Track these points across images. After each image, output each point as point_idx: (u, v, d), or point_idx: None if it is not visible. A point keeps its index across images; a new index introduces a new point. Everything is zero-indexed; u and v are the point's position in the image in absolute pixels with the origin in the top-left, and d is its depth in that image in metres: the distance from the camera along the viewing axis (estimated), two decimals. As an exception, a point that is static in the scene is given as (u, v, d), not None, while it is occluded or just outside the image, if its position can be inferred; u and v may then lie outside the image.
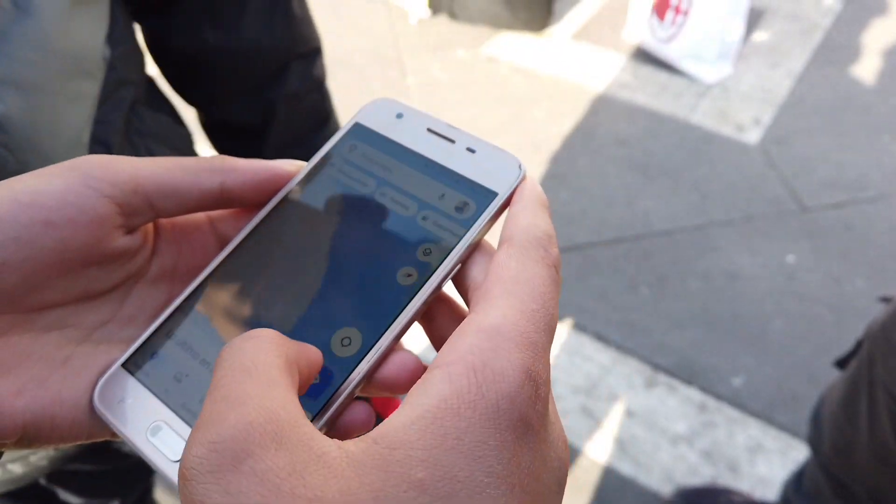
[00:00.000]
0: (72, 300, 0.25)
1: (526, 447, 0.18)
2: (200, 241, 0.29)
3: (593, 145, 2.17)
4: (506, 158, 0.27)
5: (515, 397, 0.18)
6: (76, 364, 0.25)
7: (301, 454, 0.17)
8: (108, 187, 0.24)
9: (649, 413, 1.53)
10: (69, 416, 0.24)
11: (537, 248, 0.23)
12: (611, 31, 2.59)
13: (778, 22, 2.59)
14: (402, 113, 0.29)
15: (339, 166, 0.29)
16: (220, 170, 0.27)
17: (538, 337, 0.20)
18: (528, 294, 0.21)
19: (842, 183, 2.01)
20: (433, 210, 0.26)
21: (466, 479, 0.17)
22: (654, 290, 1.77)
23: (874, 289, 1.75)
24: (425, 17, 2.67)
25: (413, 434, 0.17)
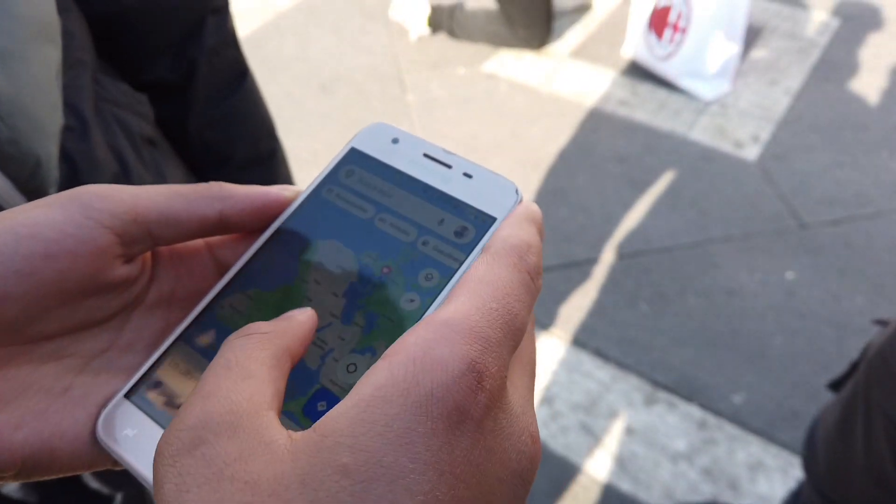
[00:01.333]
0: (70, 330, 0.25)
1: (463, 437, 0.18)
2: (198, 267, 0.29)
3: (592, 162, 2.17)
4: (502, 183, 0.27)
5: (452, 386, 0.18)
6: (76, 394, 0.25)
7: (250, 442, 0.18)
8: (108, 218, 0.24)
9: (649, 430, 1.52)
10: (69, 448, 0.24)
11: (510, 254, 0.23)
12: (609, 48, 2.61)
13: (775, 40, 2.61)
14: (397, 138, 0.29)
15: (336, 192, 0.29)
16: (219, 197, 0.27)
17: (491, 332, 0.20)
18: (488, 293, 0.21)
19: (841, 200, 2.02)
20: (433, 235, 0.26)
21: (390, 464, 0.17)
22: (653, 306, 1.76)
23: (874, 305, 1.74)
24: (425, 35, 2.69)
25: (344, 422, 0.18)
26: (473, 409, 0.18)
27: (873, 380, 0.84)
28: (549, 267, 1.87)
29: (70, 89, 0.56)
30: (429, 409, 0.18)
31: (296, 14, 2.90)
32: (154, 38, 0.70)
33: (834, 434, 0.94)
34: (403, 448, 0.17)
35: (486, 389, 0.19)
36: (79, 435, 0.24)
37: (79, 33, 0.60)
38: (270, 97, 0.93)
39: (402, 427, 0.17)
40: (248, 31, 2.78)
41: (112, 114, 0.62)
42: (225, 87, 0.78)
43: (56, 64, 0.53)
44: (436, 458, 0.17)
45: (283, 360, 0.22)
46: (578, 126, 2.30)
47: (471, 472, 0.18)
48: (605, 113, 2.34)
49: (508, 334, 0.21)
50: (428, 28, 2.66)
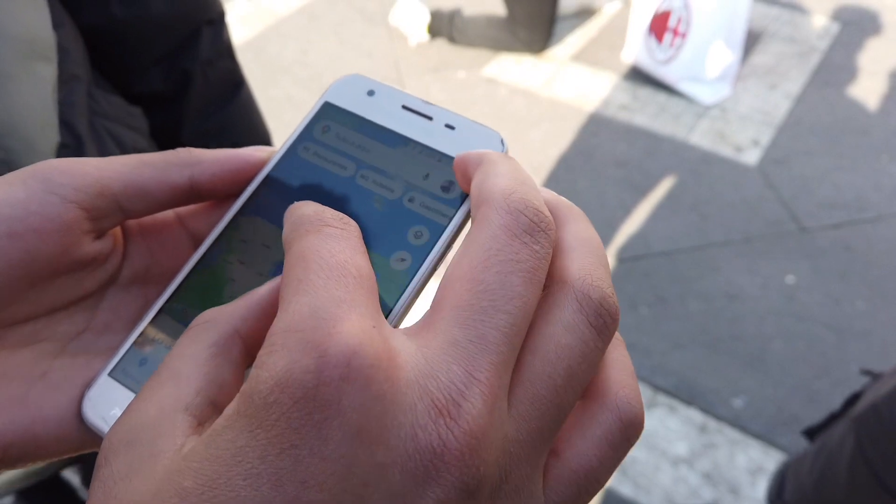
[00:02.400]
0: (43, 312, 0.24)
1: (313, 430, 0.16)
2: (172, 240, 0.27)
3: (592, 166, 2.18)
4: (486, 133, 0.26)
5: (285, 382, 0.16)
6: (55, 378, 0.24)
7: (141, 457, 0.18)
8: (73, 192, 0.23)
9: (649, 434, 1.52)
10: (53, 432, 0.23)
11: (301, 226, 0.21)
12: (609, 52, 2.61)
13: (775, 44, 2.61)
14: (373, 90, 0.28)
15: (313, 150, 0.27)
16: (188, 163, 0.25)
17: (325, 301, 0.18)
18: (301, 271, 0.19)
19: (841, 204, 2.02)
20: (419, 191, 0.25)
21: (223, 484, 0.16)
22: (653, 310, 1.77)
23: (874, 309, 1.74)
24: (424, 42, 2.70)
25: (197, 448, 0.17)
26: (321, 392, 0.16)
27: (865, 438, 0.79)
28: (549, 271, 1.87)
29: (65, 106, 0.55)
30: (264, 420, 0.16)
31: (297, 18, 2.91)
32: (147, 49, 0.70)
33: (811, 493, 0.88)
34: (237, 467, 0.16)
35: (334, 359, 0.16)
36: (62, 418, 0.23)
37: (73, 48, 0.60)
38: (271, 101, 0.93)
39: (238, 446, 0.16)
40: (249, 36, 2.78)
41: (105, 128, 0.62)
42: (219, 98, 0.77)
43: (51, 81, 0.53)
44: (272, 468, 0.16)
45: (227, 347, 0.21)
46: (579, 130, 2.31)
47: (327, 468, 0.16)
48: (605, 117, 2.35)
49: (353, 289, 0.18)
50: (427, 35, 2.67)
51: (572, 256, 0.21)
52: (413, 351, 0.18)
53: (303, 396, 0.16)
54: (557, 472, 0.20)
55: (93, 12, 0.65)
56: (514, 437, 0.18)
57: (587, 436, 0.20)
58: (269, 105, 2.42)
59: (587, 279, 0.20)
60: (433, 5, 2.68)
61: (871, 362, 1.63)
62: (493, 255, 0.19)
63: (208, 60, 0.73)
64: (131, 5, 0.66)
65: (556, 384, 0.19)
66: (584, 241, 0.22)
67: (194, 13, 0.72)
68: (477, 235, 0.20)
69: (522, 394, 0.19)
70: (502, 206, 0.20)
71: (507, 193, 0.20)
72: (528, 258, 0.19)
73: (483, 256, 0.19)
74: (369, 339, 0.17)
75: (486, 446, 0.17)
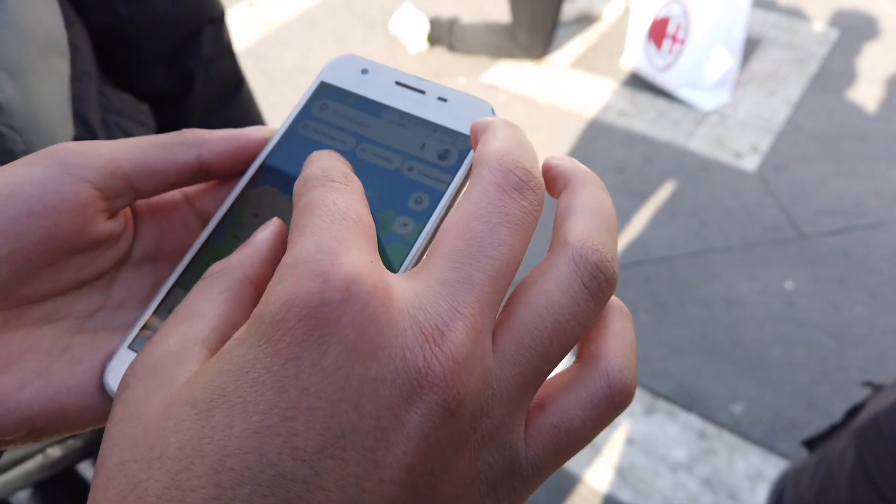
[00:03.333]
0: (61, 290, 0.25)
1: (314, 344, 0.18)
2: (180, 220, 0.29)
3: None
4: (478, 104, 0.27)
5: (292, 302, 0.18)
6: (76, 352, 0.25)
7: (161, 381, 0.20)
8: (88, 172, 0.24)
9: (649, 440, 1.52)
10: (77, 403, 0.24)
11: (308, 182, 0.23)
12: (609, 59, 2.62)
13: (774, 50, 2.62)
14: (366, 68, 0.29)
15: (313, 127, 0.28)
16: (195, 143, 0.27)
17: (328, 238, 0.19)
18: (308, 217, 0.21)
19: (840, 210, 2.02)
20: (417, 160, 0.26)
21: (230, 392, 0.18)
22: (653, 316, 1.77)
23: (873, 315, 1.74)
24: (423, 51, 2.71)
25: (206, 366, 0.19)
26: (323, 311, 0.18)
27: (865, 451, 0.79)
28: (548, 276, 1.87)
29: (78, 100, 0.57)
30: (270, 335, 0.18)
31: (297, 25, 2.92)
32: (151, 48, 0.72)
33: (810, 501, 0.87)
34: (244, 376, 0.18)
35: (336, 283, 0.18)
36: (85, 389, 0.24)
37: (83, 46, 0.61)
38: (272, 107, 0.94)
39: (244, 359, 0.18)
40: (250, 42, 2.80)
41: (116, 123, 0.64)
42: (221, 96, 0.79)
43: (65, 75, 0.54)
44: (276, 376, 0.17)
45: (241, 290, 0.23)
46: (578, 136, 2.31)
47: (325, 378, 0.17)
48: (604, 123, 2.35)
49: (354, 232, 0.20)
50: (427, 44, 2.68)
51: (578, 219, 0.22)
52: (406, 287, 0.19)
53: (306, 315, 0.18)
54: (539, 423, 0.21)
55: (99, 12, 0.67)
56: (496, 374, 0.19)
57: (573, 396, 0.22)
58: (270, 111, 2.43)
59: (587, 242, 0.21)
60: (432, 13, 2.70)
61: (870, 368, 1.63)
62: (483, 206, 0.20)
63: (210, 59, 0.75)
64: (136, 4, 0.68)
65: (542, 336, 0.20)
66: (593, 206, 0.23)
67: (197, 12, 0.74)
68: (470, 191, 0.21)
69: (508, 339, 0.20)
70: (494, 166, 0.21)
71: (500, 154, 0.22)
72: (515, 211, 0.21)
73: (473, 208, 0.21)
74: (367, 270, 0.19)
75: (467, 372, 0.18)
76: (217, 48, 0.76)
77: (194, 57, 0.74)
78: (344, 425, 0.17)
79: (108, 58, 0.70)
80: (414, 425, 0.18)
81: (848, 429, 0.85)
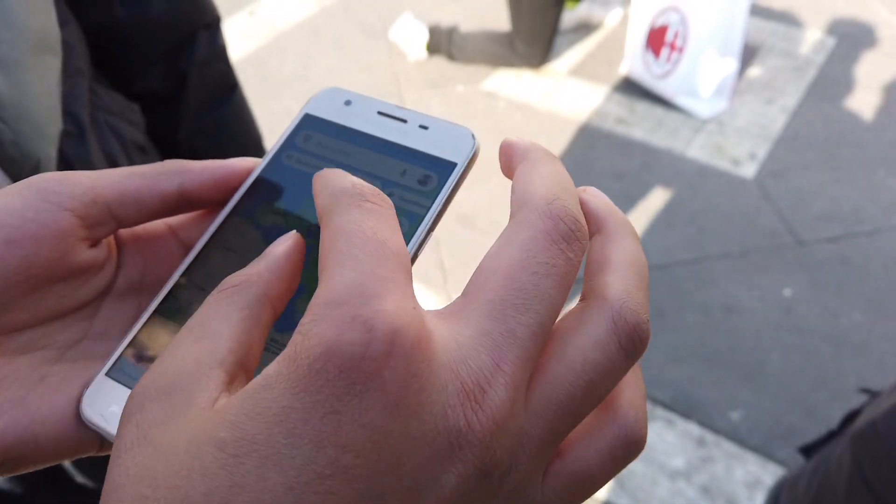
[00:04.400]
0: (41, 320, 0.25)
1: (354, 399, 0.17)
2: (164, 250, 0.29)
3: (590, 179, 2.19)
4: (458, 131, 0.28)
5: (332, 351, 0.17)
6: (53, 382, 0.25)
7: (178, 406, 0.19)
8: (68, 200, 0.24)
9: (647, 448, 1.52)
10: (52, 433, 0.24)
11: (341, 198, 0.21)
12: (607, 67, 2.63)
13: (772, 58, 2.63)
14: (350, 100, 0.30)
15: (296, 157, 0.29)
16: (177, 171, 0.27)
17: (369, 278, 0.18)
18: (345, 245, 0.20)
19: (838, 217, 2.03)
20: (397, 186, 0.27)
21: (263, 441, 0.17)
22: (651, 323, 1.76)
23: (871, 322, 1.75)
24: (423, 59, 2.72)
25: (233, 403, 0.18)
26: (366, 365, 0.17)
27: (863, 457, 0.78)
28: (547, 284, 1.87)
29: (69, 97, 0.58)
30: (308, 385, 0.17)
31: (297, 33, 2.94)
32: (146, 50, 0.73)
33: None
34: (278, 426, 0.17)
35: (381, 335, 0.17)
36: (60, 419, 0.24)
37: (77, 45, 0.63)
38: (272, 115, 0.95)
39: (280, 406, 0.17)
40: (250, 50, 2.81)
41: (105, 121, 0.65)
42: (214, 98, 0.80)
43: (56, 72, 0.56)
44: (314, 430, 0.17)
45: (258, 308, 0.21)
46: (576, 143, 2.32)
47: (365, 436, 0.17)
48: (602, 130, 2.36)
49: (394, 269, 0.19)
50: (426, 52, 2.69)
51: (617, 276, 0.22)
52: (447, 335, 0.19)
53: (348, 367, 0.17)
54: (557, 469, 0.21)
55: (96, 12, 0.68)
56: (527, 430, 0.19)
57: (592, 445, 0.21)
58: (270, 119, 2.44)
59: (627, 302, 0.21)
60: (431, 22, 2.71)
61: (868, 375, 1.63)
62: (531, 256, 0.20)
63: (204, 62, 0.77)
64: (132, 6, 0.69)
65: (576, 394, 0.20)
66: (631, 262, 0.23)
67: (192, 16, 0.75)
68: (517, 235, 0.21)
69: (541, 394, 0.20)
70: (544, 211, 0.21)
71: (549, 199, 0.21)
72: (562, 264, 0.20)
73: (521, 256, 0.20)
74: (411, 320, 0.18)
75: (504, 433, 0.18)
76: (211, 52, 0.78)
77: (188, 59, 0.76)
78: (383, 486, 0.17)
79: (103, 57, 0.71)
80: (451, 486, 0.18)
81: (844, 435, 0.85)
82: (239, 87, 0.84)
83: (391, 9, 3.00)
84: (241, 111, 0.85)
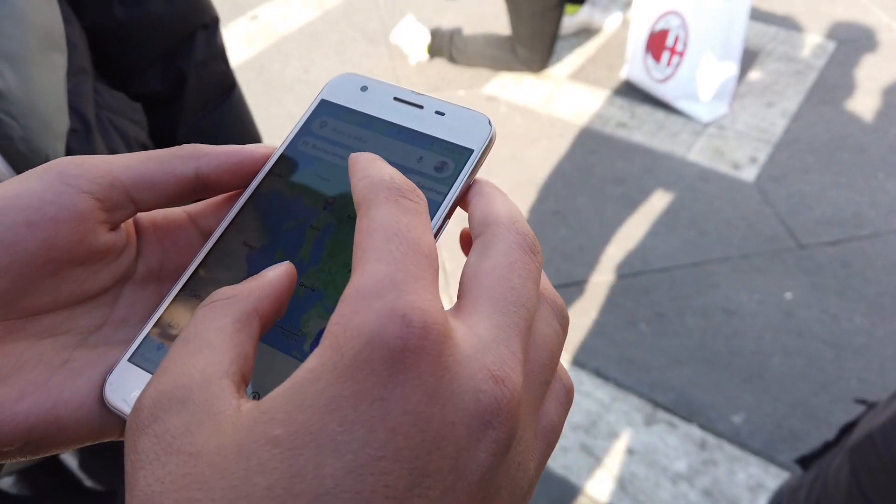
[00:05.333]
0: (63, 304, 0.25)
1: (397, 387, 0.18)
2: (184, 238, 0.29)
3: (591, 183, 2.19)
4: (475, 116, 0.28)
5: (375, 343, 0.18)
6: (75, 366, 0.25)
7: (198, 414, 0.19)
8: (86, 183, 0.24)
9: (649, 451, 1.52)
10: (75, 416, 0.24)
11: (380, 191, 0.22)
12: (608, 71, 2.64)
13: (772, 62, 2.64)
14: (366, 85, 0.30)
15: (312, 143, 0.29)
16: (194, 156, 0.27)
17: (403, 275, 0.20)
18: (381, 240, 0.21)
19: (838, 220, 2.03)
20: (414, 173, 0.27)
21: (318, 431, 0.18)
22: (652, 326, 1.77)
23: (872, 325, 1.75)
24: (424, 61, 2.73)
25: (279, 401, 0.19)
26: (406, 357, 0.18)
27: (861, 468, 0.78)
28: (548, 287, 1.88)
29: (74, 95, 0.59)
30: (354, 374, 0.18)
31: (299, 38, 2.94)
32: (145, 50, 0.74)
33: None
34: (331, 414, 0.18)
35: (417, 330, 0.19)
36: (83, 403, 0.24)
37: (80, 44, 0.63)
38: (273, 119, 0.96)
39: (329, 396, 0.18)
40: (251, 55, 2.82)
41: (109, 120, 0.66)
42: (213, 98, 0.81)
43: (62, 70, 0.56)
44: (365, 416, 0.18)
45: (249, 323, 0.22)
46: (577, 147, 2.33)
47: (410, 420, 0.18)
48: (603, 134, 2.37)
49: (425, 268, 0.21)
50: (427, 54, 2.70)
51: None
52: (466, 330, 0.21)
53: (390, 358, 0.18)
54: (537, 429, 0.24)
55: (96, 13, 0.69)
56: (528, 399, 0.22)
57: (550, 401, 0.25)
58: (272, 123, 2.45)
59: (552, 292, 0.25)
60: (433, 25, 2.72)
61: (869, 378, 1.63)
62: (514, 262, 0.23)
63: (203, 62, 0.78)
64: (132, 7, 0.70)
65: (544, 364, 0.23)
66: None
67: (190, 17, 0.76)
68: (494, 246, 0.23)
69: (527, 369, 0.22)
70: (512, 228, 0.24)
71: (512, 219, 0.24)
72: (535, 269, 0.23)
73: (507, 261, 0.23)
74: (440, 316, 0.19)
75: (520, 408, 0.20)
76: (210, 52, 0.79)
77: (187, 60, 0.76)
78: (428, 466, 0.18)
79: (103, 58, 0.72)
80: (486, 463, 0.19)
81: (842, 446, 0.85)
82: (237, 86, 0.85)
83: (392, 14, 3.01)
84: (240, 110, 0.86)
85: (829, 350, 1.70)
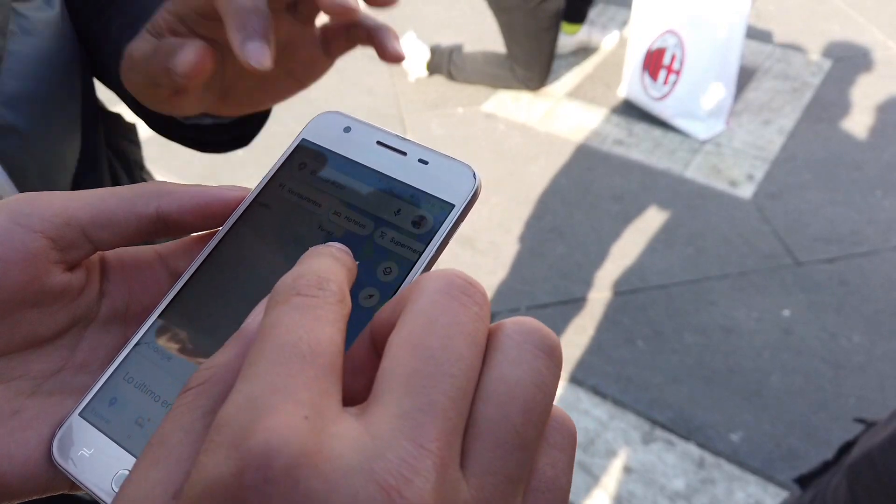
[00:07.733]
0: (16, 347, 0.24)
1: None
2: (152, 278, 0.27)
3: (589, 200, 2.20)
4: (459, 168, 0.26)
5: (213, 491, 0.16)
6: (26, 416, 0.24)
7: None
8: (38, 222, 0.23)
9: (647, 469, 1.52)
10: (20, 473, 0.23)
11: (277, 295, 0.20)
12: (605, 89, 2.66)
13: (769, 80, 2.66)
14: (349, 126, 0.28)
15: (288, 187, 0.28)
16: (156, 194, 0.26)
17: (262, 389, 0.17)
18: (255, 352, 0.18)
19: (835, 238, 2.04)
20: (390, 227, 0.26)
21: None
22: (650, 343, 1.77)
23: (870, 343, 1.75)
24: (423, 78, 2.75)
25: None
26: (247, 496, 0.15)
27: (859, 487, 0.78)
28: (545, 304, 1.88)
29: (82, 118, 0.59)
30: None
31: (299, 55, 2.96)
32: None
33: None
34: None
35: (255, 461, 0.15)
36: (29, 458, 0.23)
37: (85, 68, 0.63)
38: (273, 136, 0.96)
39: None
40: (251, 72, 2.83)
41: (107, 141, 0.66)
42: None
43: (77, 103, 0.56)
44: None
45: None
46: (575, 165, 2.34)
47: None
48: (601, 152, 2.38)
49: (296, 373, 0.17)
50: (426, 71, 2.72)
51: None
52: (357, 433, 0.17)
53: (231, 501, 0.15)
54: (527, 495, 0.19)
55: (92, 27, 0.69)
56: (476, 496, 0.17)
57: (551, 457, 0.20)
58: (272, 141, 2.45)
59: (517, 319, 0.20)
60: (432, 42, 2.74)
61: (868, 396, 1.63)
62: (434, 318, 0.19)
63: None
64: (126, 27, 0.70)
65: (515, 424, 0.18)
66: None
67: None
68: (415, 303, 0.19)
69: (481, 447, 0.18)
70: (435, 277, 0.20)
71: (437, 271, 0.20)
72: (468, 320, 0.19)
73: (424, 321, 0.18)
74: (295, 434, 0.16)
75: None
76: None
77: None
78: None
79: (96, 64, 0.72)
80: None
81: (840, 465, 0.85)
82: None
83: (392, 31, 3.03)
84: None
85: (828, 368, 1.70)
